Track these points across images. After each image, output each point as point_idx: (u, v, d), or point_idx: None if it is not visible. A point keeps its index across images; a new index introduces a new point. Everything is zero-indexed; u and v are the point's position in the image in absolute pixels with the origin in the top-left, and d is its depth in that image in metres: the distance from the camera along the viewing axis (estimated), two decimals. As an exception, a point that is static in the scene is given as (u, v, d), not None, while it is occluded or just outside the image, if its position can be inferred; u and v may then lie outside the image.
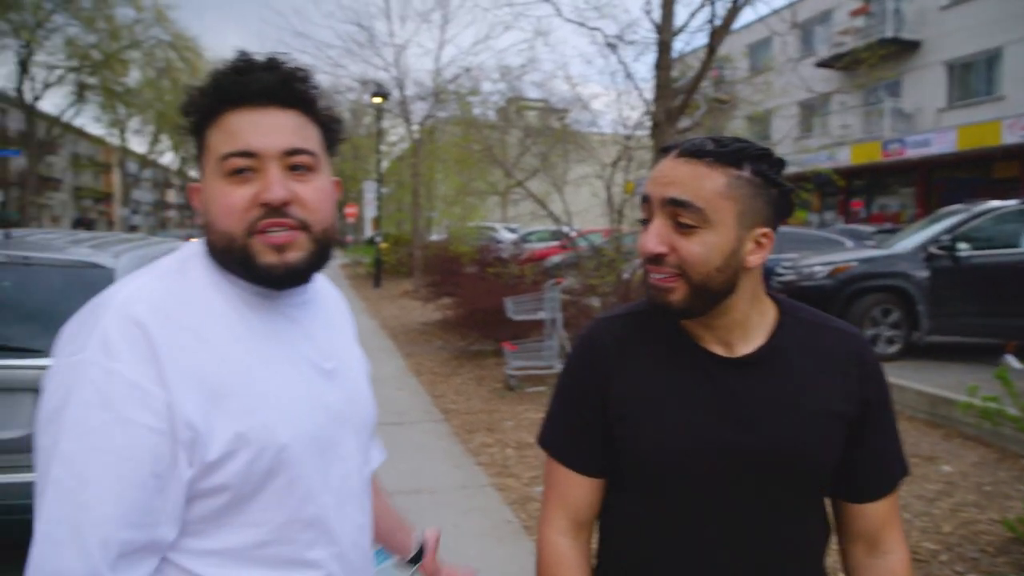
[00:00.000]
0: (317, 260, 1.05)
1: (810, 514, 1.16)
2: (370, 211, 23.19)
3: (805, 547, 1.16)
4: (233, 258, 1.00)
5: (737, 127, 20.58)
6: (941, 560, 3.55)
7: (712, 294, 1.08)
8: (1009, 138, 17.03)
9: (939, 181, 21.13)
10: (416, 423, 6.24)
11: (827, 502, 1.22)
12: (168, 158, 51.78)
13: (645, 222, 1.11)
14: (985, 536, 3.80)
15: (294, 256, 1.01)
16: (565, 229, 8.83)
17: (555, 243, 16.81)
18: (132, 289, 0.97)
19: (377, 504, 1.31)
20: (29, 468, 3.13)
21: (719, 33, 5.11)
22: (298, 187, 1.01)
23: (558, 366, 7.31)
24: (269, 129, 1.00)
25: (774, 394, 1.12)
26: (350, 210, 35.67)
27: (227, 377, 0.96)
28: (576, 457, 1.21)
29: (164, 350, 0.92)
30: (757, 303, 1.15)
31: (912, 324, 8.02)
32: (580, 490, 1.21)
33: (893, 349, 8.00)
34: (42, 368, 3.07)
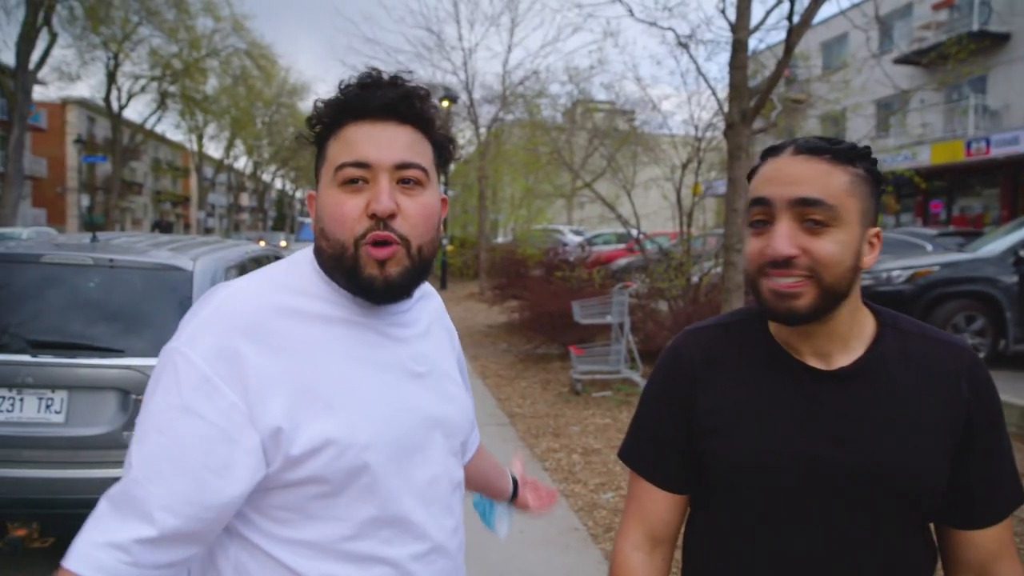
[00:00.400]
0: (416, 276, 1.07)
1: (910, 538, 1.08)
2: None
3: (903, 573, 1.08)
4: (341, 266, 1.04)
5: (811, 127, 20.05)
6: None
7: (838, 297, 1.04)
8: (1105, 135, 16.11)
9: (1027, 181, 20.14)
10: (482, 426, 6.19)
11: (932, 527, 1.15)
12: (242, 163, 53.48)
13: (759, 224, 1.06)
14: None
15: (394, 270, 1.04)
16: (633, 232, 8.73)
17: (621, 246, 16.69)
18: (236, 288, 1.03)
19: (482, 461, 1.50)
20: (115, 464, 3.23)
21: (798, 30, 4.96)
22: (405, 200, 1.04)
23: (625, 371, 7.23)
24: (384, 142, 1.04)
25: (873, 409, 1.06)
26: (416, 212, 36.04)
27: (315, 379, 1.00)
28: (658, 472, 1.18)
29: (251, 350, 0.96)
30: (857, 311, 1.10)
31: (998, 332, 7.65)
32: (660, 505, 1.18)
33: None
34: (126, 368, 3.18)
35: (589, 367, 7.31)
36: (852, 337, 1.09)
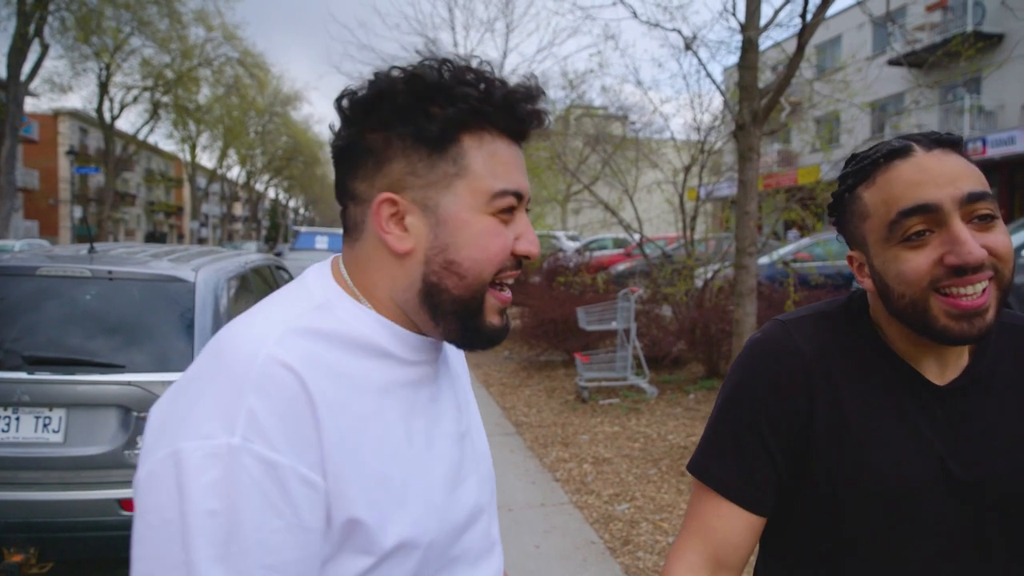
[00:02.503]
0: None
1: None
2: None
3: None
4: (465, 310, 0.84)
5: (809, 128, 20.03)
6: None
7: (1008, 297, 0.93)
8: (1102, 134, 16.13)
9: (1023, 182, 20.15)
10: (489, 436, 6.09)
11: None
12: (235, 172, 53.30)
13: (916, 236, 0.90)
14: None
15: (507, 318, 0.90)
16: (635, 237, 8.63)
17: (619, 251, 16.60)
18: (274, 336, 0.76)
19: None
20: (116, 484, 3.07)
21: (809, 29, 4.87)
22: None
23: (632, 377, 7.12)
24: (524, 169, 0.90)
25: (1000, 418, 0.96)
26: (412, 220, 36.03)
27: (380, 463, 0.80)
28: (743, 487, 1.01)
29: (328, 435, 0.75)
30: None
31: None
32: (732, 525, 1.01)
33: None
34: (127, 384, 3.05)
35: (595, 374, 7.20)
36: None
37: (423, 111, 0.81)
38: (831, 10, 6.50)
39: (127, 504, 2.99)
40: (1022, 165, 19.62)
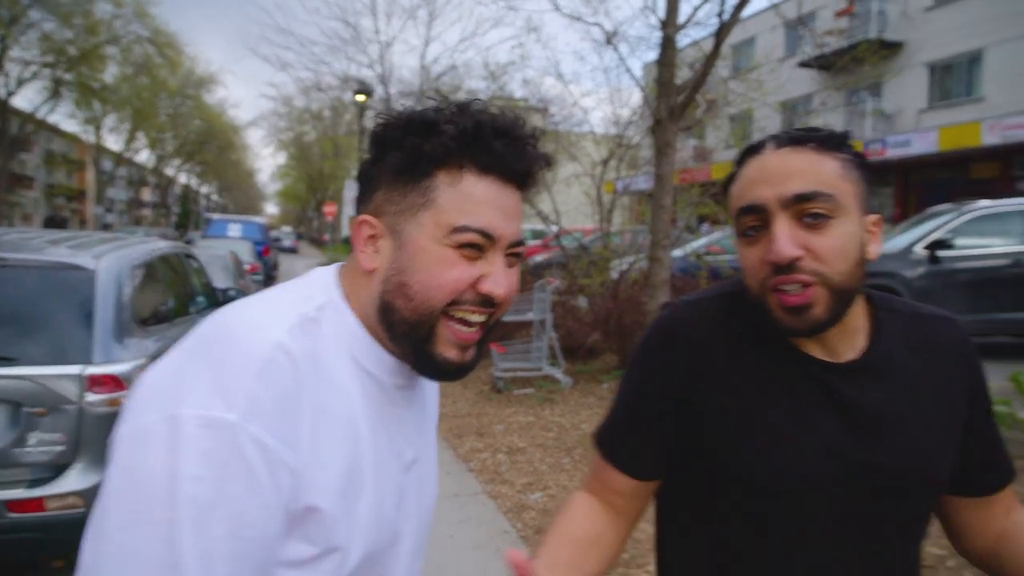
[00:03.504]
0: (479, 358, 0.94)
1: (923, 532, 1.06)
2: (349, 210, 22.96)
3: (914, 565, 1.06)
4: (414, 335, 0.87)
5: (723, 125, 20.63)
6: (948, 566, 3.49)
7: (851, 296, 0.96)
8: (989, 139, 17.17)
9: (917, 182, 21.28)
10: (405, 427, 6.10)
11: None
12: (144, 156, 51.13)
13: (753, 231, 0.97)
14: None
15: (471, 355, 0.91)
16: (553, 228, 8.72)
17: (537, 242, 16.72)
18: (286, 325, 0.82)
19: None
20: (4, 485, 2.91)
21: (727, 27, 5.01)
22: (512, 275, 0.92)
23: (547, 368, 7.21)
24: (511, 212, 0.89)
25: (893, 403, 1.00)
26: (329, 208, 35.43)
27: (346, 464, 0.84)
28: (627, 458, 1.09)
29: (307, 423, 0.79)
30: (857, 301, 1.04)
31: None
32: (623, 486, 1.10)
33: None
34: (18, 378, 2.91)
35: (511, 364, 7.26)
36: (855, 326, 1.02)
37: (405, 144, 0.87)
38: (747, 11, 6.71)
39: (15, 506, 2.85)
40: (917, 166, 20.73)
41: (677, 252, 10.87)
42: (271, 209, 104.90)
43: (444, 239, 0.85)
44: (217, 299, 6.17)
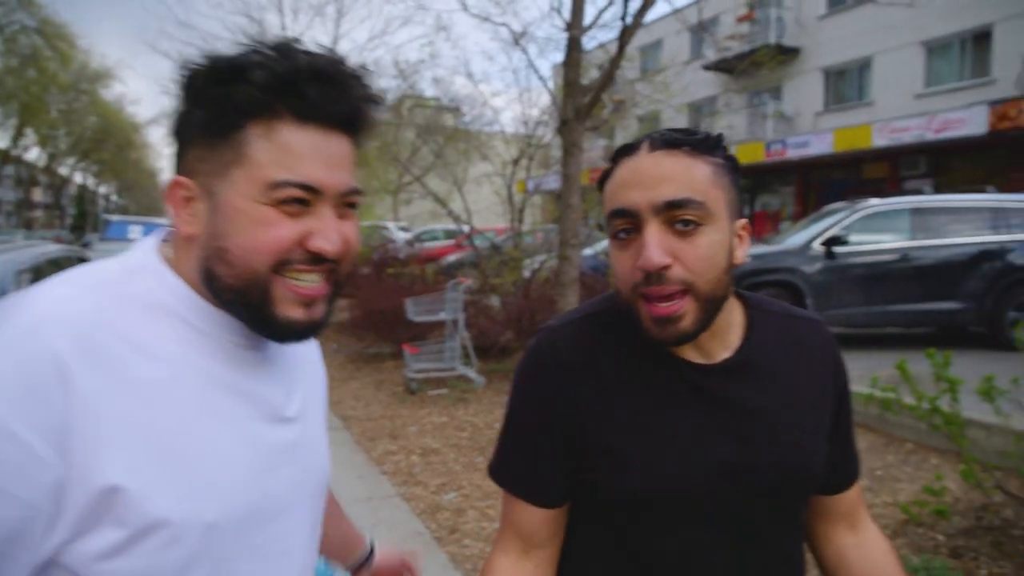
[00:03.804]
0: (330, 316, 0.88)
1: (798, 527, 1.09)
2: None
3: (799, 562, 1.09)
4: (246, 300, 0.80)
5: (632, 126, 21.07)
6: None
7: (718, 303, 0.96)
8: (878, 141, 18.09)
9: (816, 181, 22.26)
10: (315, 431, 5.97)
11: None
12: (34, 154, 48.36)
13: (624, 234, 0.95)
14: (881, 519, 3.93)
15: (320, 310, 0.84)
16: (464, 228, 8.71)
17: (450, 242, 16.69)
18: (50, 305, 0.73)
19: (330, 514, 1.15)
20: None
21: (630, 30, 5.11)
22: (348, 228, 0.85)
23: (460, 368, 7.19)
24: (336, 161, 0.82)
25: (765, 401, 1.02)
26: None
27: (155, 430, 0.75)
28: (536, 490, 1.06)
29: (82, 396, 0.70)
30: (729, 302, 1.04)
31: (801, 317, 8.33)
32: (534, 518, 1.06)
33: (784, 342, 8.29)
34: None
35: (424, 365, 7.20)
36: (728, 328, 1.04)
37: (211, 95, 0.79)
38: (654, 15, 6.84)
39: None
40: (815, 166, 21.66)
41: (588, 251, 11.03)
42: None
43: (261, 197, 0.78)
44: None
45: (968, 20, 18.93)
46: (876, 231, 8.50)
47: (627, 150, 0.97)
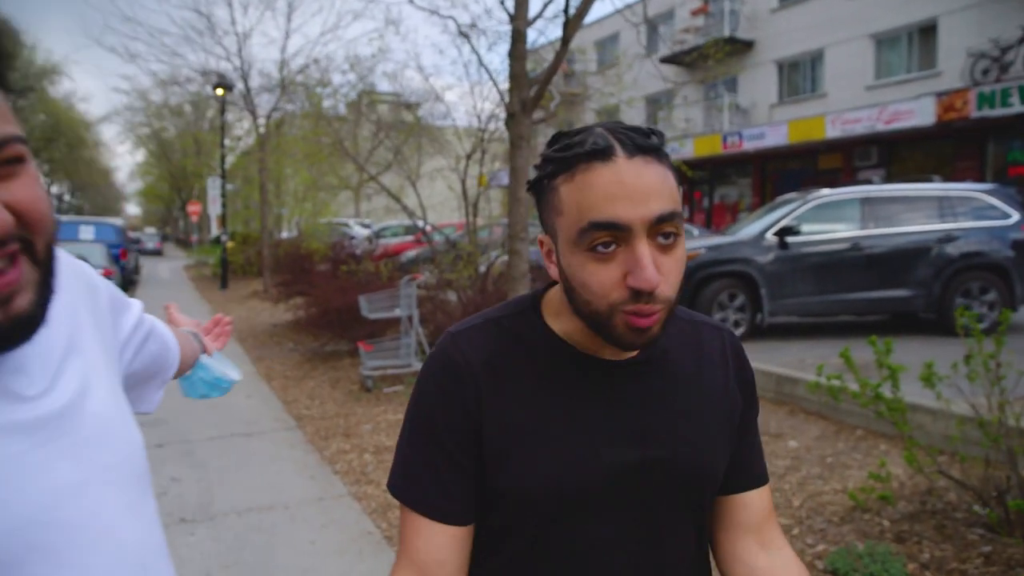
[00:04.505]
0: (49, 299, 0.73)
1: (700, 529, 1.07)
2: (214, 209, 21.96)
3: (702, 564, 1.07)
4: None
5: (588, 119, 21.13)
6: (793, 534, 3.68)
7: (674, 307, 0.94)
8: (832, 132, 18.38)
9: (772, 172, 22.57)
10: (267, 432, 5.87)
11: None
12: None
13: (603, 248, 0.88)
14: (830, 506, 3.98)
15: (23, 303, 0.69)
16: (420, 223, 8.63)
17: (410, 238, 16.58)
18: None
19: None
20: None
21: (573, 24, 5.09)
22: (16, 192, 0.68)
23: (416, 364, 7.13)
24: None
25: (671, 400, 1.01)
26: (193, 208, 33.81)
27: None
28: (445, 506, 0.98)
29: None
30: None
31: (756, 307, 8.43)
32: (437, 540, 0.98)
33: (739, 332, 8.38)
34: None
35: (379, 362, 7.13)
36: None
37: None
38: (601, 11, 6.84)
39: None
40: (771, 157, 21.95)
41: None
42: (133, 210, 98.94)
43: None
44: (54, 306, 5.73)
45: (914, 13, 19.31)
46: (827, 221, 8.62)
47: (599, 154, 0.88)
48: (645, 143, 0.89)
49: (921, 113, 16.25)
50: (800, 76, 22.98)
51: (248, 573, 3.51)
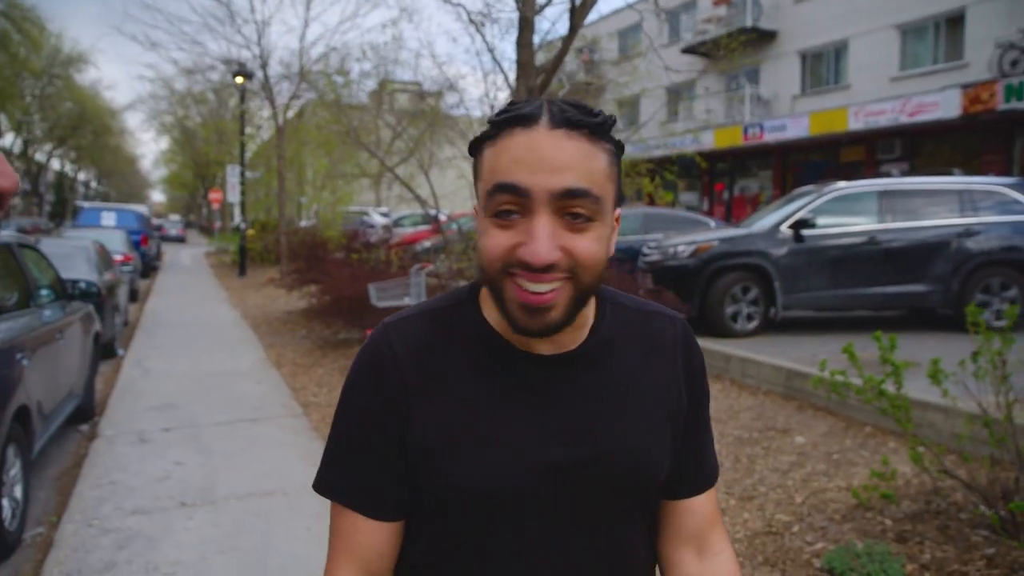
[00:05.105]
0: None
1: (646, 530, 1.04)
2: (233, 196, 22.10)
3: (641, 567, 1.03)
4: None
5: (607, 110, 21.03)
6: (793, 531, 3.63)
7: (590, 296, 0.89)
8: (854, 124, 18.10)
9: (794, 164, 22.29)
10: (273, 419, 5.90)
11: None
12: (8, 140, 47.61)
13: (507, 214, 0.85)
14: (833, 504, 3.91)
15: None
16: (432, 212, 8.61)
17: (426, 227, 16.57)
18: None
19: None
20: None
21: (579, 13, 5.03)
22: None
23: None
24: None
25: (606, 395, 0.96)
26: (214, 195, 34.07)
27: None
28: (370, 500, 0.97)
29: None
30: None
31: (769, 300, 8.33)
32: (373, 538, 0.97)
33: (752, 325, 8.29)
34: None
35: (389, 351, 7.12)
36: (584, 322, 0.98)
37: None
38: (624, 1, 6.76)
39: None
40: (793, 149, 21.68)
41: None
42: (158, 197, 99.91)
43: None
44: (66, 291, 5.79)
45: (942, 2, 18.94)
46: (844, 214, 8.49)
47: (523, 120, 0.86)
48: (576, 117, 0.84)
49: (946, 105, 15.95)
50: (823, 67, 22.65)
51: (243, 559, 3.52)
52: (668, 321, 1.06)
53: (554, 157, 0.82)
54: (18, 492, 3.88)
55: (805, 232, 8.30)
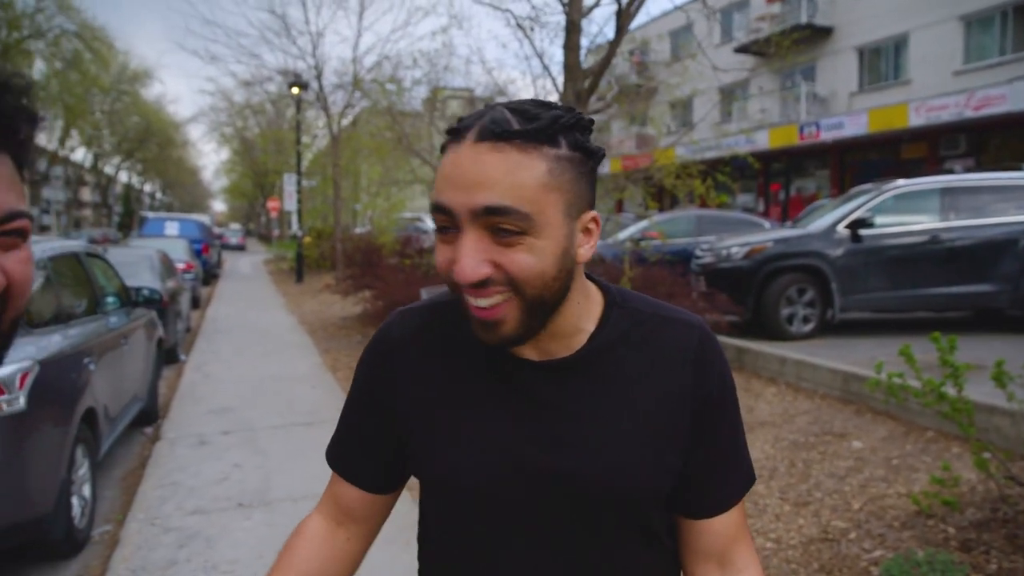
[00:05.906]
0: None
1: (645, 547, 0.99)
2: (290, 204, 22.59)
3: None
4: None
5: (660, 112, 20.81)
6: (850, 538, 3.54)
7: (549, 307, 0.87)
8: (915, 120, 17.59)
9: (852, 163, 21.76)
10: (328, 422, 6.00)
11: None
12: (80, 154, 49.53)
13: (444, 230, 0.85)
14: (892, 511, 3.81)
15: None
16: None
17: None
18: None
19: None
20: None
21: (625, 15, 5.02)
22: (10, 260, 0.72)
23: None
24: None
25: (596, 405, 0.93)
26: (272, 204, 34.87)
27: None
28: (355, 471, 1.06)
29: None
30: (585, 299, 0.95)
31: (826, 302, 8.14)
32: (356, 496, 1.07)
33: (808, 328, 8.11)
34: None
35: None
36: (574, 330, 0.95)
37: None
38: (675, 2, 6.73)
39: None
40: (850, 147, 21.18)
41: (608, 240, 10.91)
42: (219, 206, 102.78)
43: None
44: (130, 298, 5.99)
45: (1010, -8, 18.29)
46: (904, 212, 8.24)
47: (455, 133, 0.85)
48: (501, 129, 0.81)
49: (1014, 98, 15.38)
50: (882, 62, 22.05)
51: (298, 559, 3.59)
52: (684, 329, 0.99)
53: (475, 173, 0.80)
54: (87, 491, 4.04)
55: (863, 232, 8.09)
